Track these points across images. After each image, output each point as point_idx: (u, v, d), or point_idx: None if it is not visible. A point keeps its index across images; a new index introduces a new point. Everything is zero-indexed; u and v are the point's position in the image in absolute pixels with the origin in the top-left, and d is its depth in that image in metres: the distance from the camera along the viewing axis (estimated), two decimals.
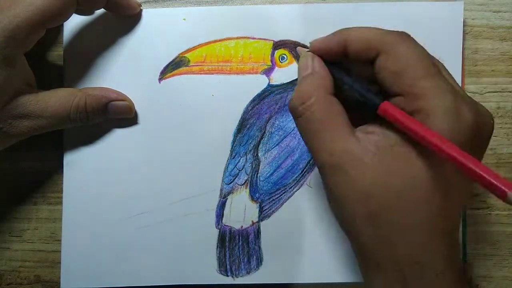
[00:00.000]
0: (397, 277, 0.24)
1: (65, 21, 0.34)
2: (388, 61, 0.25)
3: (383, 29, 0.26)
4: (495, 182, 0.20)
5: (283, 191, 0.36)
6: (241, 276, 0.36)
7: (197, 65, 0.36)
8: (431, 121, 0.23)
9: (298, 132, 0.35)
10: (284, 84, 0.36)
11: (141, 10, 0.37)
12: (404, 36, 0.26)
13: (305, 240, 0.36)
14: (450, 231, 0.25)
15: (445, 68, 0.27)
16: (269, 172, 0.36)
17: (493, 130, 0.26)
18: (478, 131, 0.24)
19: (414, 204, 0.24)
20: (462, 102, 0.24)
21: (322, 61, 0.28)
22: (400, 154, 0.24)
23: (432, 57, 0.27)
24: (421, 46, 0.26)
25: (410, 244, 0.24)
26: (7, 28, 0.30)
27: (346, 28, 0.27)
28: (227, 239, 0.36)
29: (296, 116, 0.27)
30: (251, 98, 0.36)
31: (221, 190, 0.36)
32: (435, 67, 0.25)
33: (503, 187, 0.20)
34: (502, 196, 0.20)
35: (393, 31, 0.26)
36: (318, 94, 0.26)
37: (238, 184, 0.36)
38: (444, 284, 0.24)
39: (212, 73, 0.36)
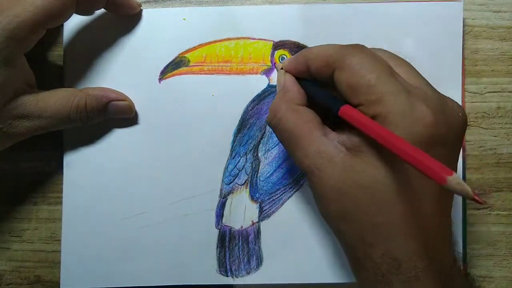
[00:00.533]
0: (377, 275, 0.25)
1: (65, 21, 0.34)
2: (343, 75, 0.26)
3: (339, 45, 0.28)
4: (434, 168, 0.21)
5: (283, 191, 0.36)
6: (241, 276, 0.36)
7: (197, 65, 0.36)
8: (388, 123, 0.24)
9: None
10: None
11: (141, 10, 0.37)
12: (355, 48, 0.27)
13: (305, 240, 0.36)
14: (428, 230, 0.25)
15: (409, 67, 0.28)
16: (269, 172, 0.36)
17: (465, 123, 0.27)
18: (441, 128, 0.24)
19: (383, 204, 0.24)
20: (418, 101, 0.24)
21: (292, 78, 0.30)
22: (364, 154, 0.25)
23: (393, 56, 0.28)
24: (377, 50, 0.27)
25: (383, 242, 0.24)
26: (7, 28, 0.30)
27: (308, 48, 0.30)
28: (227, 239, 0.36)
29: (273, 130, 0.29)
30: (251, 98, 0.36)
31: (221, 190, 0.36)
32: (387, 71, 0.25)
33: (442, 173, 0.20)
34: (443, 181, 0.20)
35: (348, 45, 0.28)
36: (286, 107, 0.28)
37: (238, 184, 0.36)
38: (427, 283, 0.24)
39: (212, 73, 0.36)
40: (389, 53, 0.28)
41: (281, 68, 0.31)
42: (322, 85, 0.29)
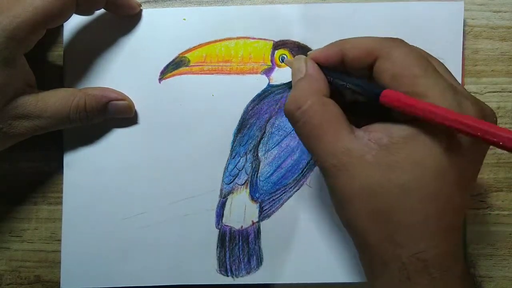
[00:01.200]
0: (401, 276, 0.24)
1: (65, 21, 0.34)
2: (387, 64, 0.25)
3: (380, 37, 0.27)
4: (504, 133, 0.20)
5: (283, 191, 0.36)
6: (241, 276, 0.36)
7: (197, 65, 0.36)
8: None
9: None
10: (284, 84, 0.36)
11: (141, 10, 0.37)
12: (398, 41, 0.27)
13: (305, 240, 0.36)
14: (457, 226, 0.25)
15: (444, 67, 0.27)
16: (269, 172, 0.36)
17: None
18: None
19: (420, 201, 0.24)
20: (463, 98, 0.24)
21: (315, 64, 0.28)
22: (403, 150, 0.24)
23: (430, 56, 0.27)
24: (417, 48, 0.27)
25: (414, 242, 0.24)
26: (7, 28, 0.30)
27: (342, 39, 0.28)
28: (227, 239, 0.36)
29: (294, 122, 0.27)
30: (251, 98, 0.36)
31: (221, 190, 0.36)
32: (432, 66, 0.25)
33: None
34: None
35: (388, 37, 0.27)
36: (313, 98, 0.26)
37: (238, 184, 0.36)
38: (449, 282, 0.24)
39: (212, 73, 0.36)
40: (425, 52, 0.28)
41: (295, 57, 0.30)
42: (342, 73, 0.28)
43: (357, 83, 0.27)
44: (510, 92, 0.37)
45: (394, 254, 0.24)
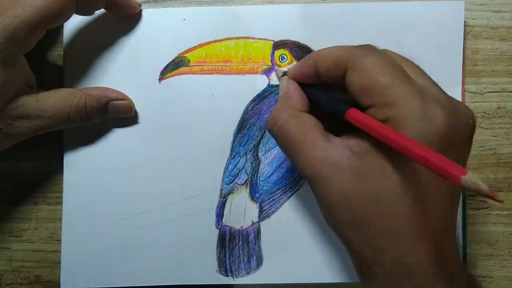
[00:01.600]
0: (388, 280, 0.24)
1: (65, 21, 0.34)
2: (355, 76, 0.25)
3: (349, 46, 0.27)
4: (448, 168, 0.20)
5: (283, 191, 0.36)
6: (241, 276, 0.36)
7: (197, 65, 0.36)
8: (401, 127, 0.24)
9: None
10: None
11: (141, 10, 0.37)
12: (367, 49, 0.26)
13: (305, 240, 0.36)
14: (437, 235, 0.24)
15: (417, 68, 0.27)
16: (269, 172, 0.36)
17: (474, 128, 0.26)
18: (454, 131, 0.24)
19: (392, 210, 0.24)
20: (431, 104, 0.24)
21: (295, 84, 0.29)
22: (373, 160, 0.24)
23: (401, 58, 0.28)
24: (386, 52, 0.27)
25: (395, 248, 0.24)
26: (7, 29, 0.30)
27: (316, 50, 0.29)
28: (227, 239, 0.36)
29: (274, 137, 0.28)
30: (251, 98, 0.36)
31: (221, 190, 0.36)
32: (402, 72, 0.25)
33: (456, 173, 0.20)
34: (457, 181, 0.20)
35: (358, 46, 0.27)
36: (288, 113, 0.28)
37: (238, 184, 0.36)
38: (437, 286, 0.24)
39: (212, 73, 0.36)
40: (396, 54, 0.28)
41: (283, 75, 0.31)
42: (327, 90, 0.29)
43: (325, 101, 0.28)
44: (510, 92, 0.37)
45: (378, 260, 0.24)
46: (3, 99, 0.31)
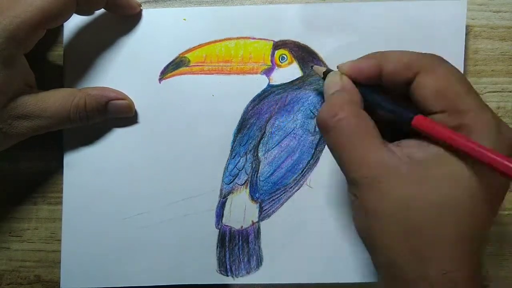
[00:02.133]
0: None
1: (65, 21, 0.34)
2: (429, 79, 0.25)
3: (418, 52, 0.27)
4: None
5: (283, 191, 0.36)
6: (241, 276, 0.36)
7: (197, 65, 0.36)
8: (475, 136, 0.23)
9: (298, 132, 0.36)
10: (284, 84, 0.36)
11: (141, 10, 0.37)
12: (440, 58, 0.26)
13: (305, 240, 0.36)
14: (481, 247, 0.24)
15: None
16: (269, 172, 0.36)
17: None
18: None
19: (457, 218, 0.23)
20: (501, 120, 0.24)
21: (350, 80, 0.28)
22: (438, 166, 0.24)
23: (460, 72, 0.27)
24: (454, 66, 0.27)
25: (445, 259, 0.23)
26: (7, 28, 0.30)
27: (379, 52, 0.28)
28: (227, 239, 0.36)
29: (327, 130, 0.27)
30: (251, 98, 0.36)
31: (221, 190, 0.36)
32: (471, 85, 0.25)
33: None
34: None
35: (427, 54, 0.27)
36: (349, 108, 0.26)
37: (238, 184, 0.36)
38: None
39: (212, 73, 0.36)
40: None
41: (325, 72, 0.30)
42: (376, 92, 0.28)
43: (389, 107, 0.26)
44: (510, 92, 0.37)
45: (422, 273, 0.23)
46: (3, 98, 0.31)
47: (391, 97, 0.27)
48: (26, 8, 0.30)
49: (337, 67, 0.29)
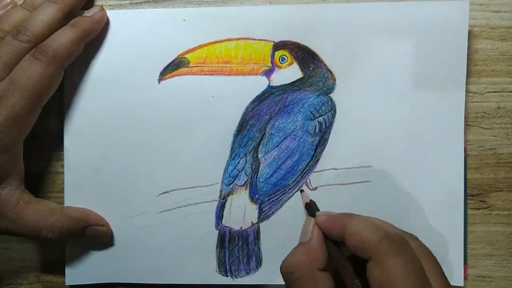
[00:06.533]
0: None
1: (54, 91, 0.34)
2: (376, 270, 0.25)
3: (382, 232, 0.27)
4: None
5: (283, 192, 0.36)
6: (240, 277, 0.36)
7: (197, 66, 0.36)
8: None
9: (298, 134, 0.36)
10: (284, 85, 0.36)
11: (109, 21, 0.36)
12: (398, 246, 0.26)
13: None
14: None
15: (438, 266, 0.28)
16: (269, 173, 0.36)
17: None
18: None
19: None
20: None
21: (321, 234, 0.29)
22: None
23: (428, 256, 0.28)
24: (414, 256, 0.26)
25: None
26: (8, 118, 0.31)
27: (349, 215, 0.29)
28: (226, 240, 0.36)
29: (286, 282, 0.29)
30: (251, 99, 0.36)
31: (221, 191, 0.36)
32: (421, 281, 0.25)
33: None
34: None
35: (392, 236, 0.27)
36: (305, 270, 0.28)
37: (238, 185, 0.36)
38: None
39: (212, 74, 0.36)
40: (428, 253, 0.28)
41: (306, 205, 0.33)
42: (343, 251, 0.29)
43: (345, 270, 0.27)
44: (510, 92, 0.36)
45: None
46: None
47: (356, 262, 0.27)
48: (21, 95, 0.31)
49: (316, 214, 0.31)
